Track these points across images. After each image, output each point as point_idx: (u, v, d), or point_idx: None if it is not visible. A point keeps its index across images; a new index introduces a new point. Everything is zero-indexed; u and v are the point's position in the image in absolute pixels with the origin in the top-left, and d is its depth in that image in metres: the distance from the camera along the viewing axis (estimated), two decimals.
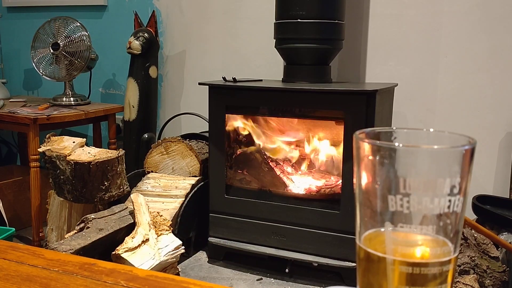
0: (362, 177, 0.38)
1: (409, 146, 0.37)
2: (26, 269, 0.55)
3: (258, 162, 2.08)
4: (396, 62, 2.19)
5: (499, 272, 1.53)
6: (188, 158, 2.16)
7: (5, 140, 3.25)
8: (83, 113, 2.37)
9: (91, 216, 1.76)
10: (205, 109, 2.02)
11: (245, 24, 2.47)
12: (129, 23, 2.64)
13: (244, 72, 2.47)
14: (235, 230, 2.01)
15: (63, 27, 2.45)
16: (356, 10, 2.22)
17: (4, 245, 0.60)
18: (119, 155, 1.96)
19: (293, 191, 2.00)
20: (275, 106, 1.97)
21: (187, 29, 2.62)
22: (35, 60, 2.50)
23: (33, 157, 2.14)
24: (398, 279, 0.36)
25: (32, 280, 0.52)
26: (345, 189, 1.81)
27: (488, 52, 2.03)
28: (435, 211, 0.36)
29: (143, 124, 2.52)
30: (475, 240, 1.59)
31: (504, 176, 2.06)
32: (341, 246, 1.83)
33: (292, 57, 2.05)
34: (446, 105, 2.13)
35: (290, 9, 1.96)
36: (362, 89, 1.82)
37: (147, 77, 2.48)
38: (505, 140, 2.05)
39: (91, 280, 0.53)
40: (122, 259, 1.58)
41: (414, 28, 2.14)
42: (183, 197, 2.03)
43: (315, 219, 1.87)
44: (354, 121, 1.76)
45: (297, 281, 1.91)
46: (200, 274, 1.96)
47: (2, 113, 2.26)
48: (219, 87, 1.98)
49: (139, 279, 0.53)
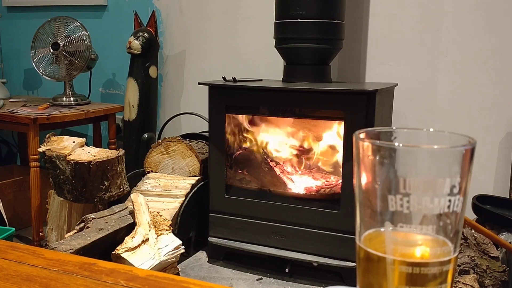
0: (362, 177, 0.38)
1: (409, 146, 0.37)
2: (26, 269, 0.55)
3: (258, 162, 2.08)
4: (396, 62, 2.19)
5: (499, 272, 1.53)
6: (188, 158, 2.16)
7: (5, 140, 3.25)
8: (83, 113, 2.37)
9: (91, 216, 1.76)
10: (205, 109, 2.02)
11: (245, 24, 2.47)
12: (129, 23, 2.64)
13: (244, 72, 2.47)
14: (235, 230, 2.01)
15: (63, 27, 2.45)
16: (356, 10, 2.22)
17: (4, 245, 0.60)
18: (119, 155, 1.97)
19: (293, 191, 2.00)
20: (275, 106, 1.97)
21: (187, 29, 2.62)
22: (35, 60, 2.50)
23: (33, 157, 2.14)
24: (398, 279, 0.36)
25: (32, 280, 0.52)
26: (345, 189, 1.81)
27: (488, 52, 2.03)
28: (435, 211, 0.36)
29: (143, 124, 2.52)
30: (475, 240, 1.59)
31: (504, 176, 2.06)
32: (341, 246, 1.83)
33: (292, 57, 2.05)
34: (446, 105, 2.13)
35: (290, 9, 1.96)
36: (362, 89, 1.82)
37: (147, 77, 2.48)
38: (505, 140, 2.05)
39: (91, 280, 0.53)
40: (122, 259, 1.58)
41: (414, 28, 2.14)
42: (183, 197, 2.03)
43: (315, 219, 1.87)
44: (354, 121, 1.76)
45: (297, 281, 1.91)
46: (200, 274, 1.96)
47: (2, 113, 2.26)
48: (219, 87, 1.98)
49: (139, 279, 0.53)
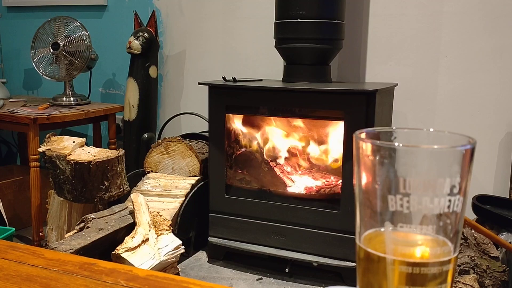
0: (362, 177, 0.38)
1: (409, 146, 0.37)
2: (26, 269, 0.55)
3: (258, 162, 2.08)
4: (396, 62, 2.19)
5: (499, 272, 1.53)
6: (188, 158, 2.16)
7: (5, 140, 3.25)
8: (83, 113, 2.37)
9: (91, 216, 1.76)
10: (205, 109, 2.02)
11: (245, 24, 2.47)
12: (129, 23, 2.64)
13: (244, 72, 2.47)
14: (235, 230, 2.01)
15: (63, 27, 2.45)
16: (356, 10, 2.22)
17: (4, 245, 0.60)
18: (119, 155, 1.97)
19: (293, 191, 2.00)
20: (275, 106, 1.97)
21: (187, 29, 2.62)
22: (35, 60, 2.50)
23: (33, 157, 2.14)
24: (398, 279, 0.36)
25: (32, 280, 0.52)
26: (345, 189, 1.81)
27: (488, 52, 2.03)
28: (435, 211, 0.36)
29: (143, 124, 2.52)
30: (475, 240, 1.59)
31: (504, 176, 2.06)
32: (341, 246, 1.83)
33: (292, 57, 2.05)
34: (446, 105, 2.13)
35: (290, 9, 1.96)
36: (362, 89, 1.82)
37: (147, 77, 2.48)
38: (505, 140, 2.05)
39: (91, 280, 0.53)
40: (122, 259, 1.58)
41: (414, 28, 2.14)
42: (183, 197, 2.03)
43: (315, 219, 1.87)
44: (354, 121, 1.76)
45: (297, 281, 1.91)
46: (200, 274, 1.96)
47: (2, 113, 2.26)
48: (219, 87, 1.98)
49: (139, 279, 0.53)
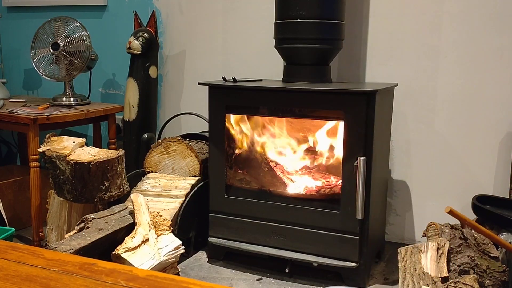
0: None
1: None
2: (26, 269, 0.55)
3: (258, 162, 2.08)
4: (396, 62, 2.19)
5: (499, 272, 1.53)
6: (188, 158, 2.16)
7: (5, 140, 3.25)
8: (83, 113, 2.37)
9: (91, 216, 1.76)
10: (205, 109, 2.02)
11: (245, 24, 2.47)
12: (129, 23, 2.64)
13: (244, 72, 2.47)
14: (235, 230, 2.01)
15: (63, 27, 2.45)
16: (356, 10, 2.22)
17: (4, 245, 0.61)
18: (119, 155, 1.97)
19: (293, 191, 2.00)
20: (275, 106, 1.97)
21: (187, 29, 2.62)
22: (35, 60, 2.50)
23: (33, 157, 2.13)
24: None
25: (32, 280, 0.52)
26: (345, 189, 1.81)
27: (488, 52, 2.03)
28: None
29: (143, 124, 2.52)
30: (475, 240, 1.59)
31: (504, 176, 2.06)
32: (341, 246, 1.83)
33: (292, 57, 2.05)
34: (446, 105, 2.13)
35: (290, 9, 1.96)
36: (362, 89, 1.82)
37: (147, 77, 2.48)
38: (505, 140, 2.05)
39: (91, 280, 0.53)
40: (122, 259, 1.58)
41: (414, 28, 2.14)
42: (183, 197, 2.03)
43: (315, 219, 1.87)
44: (354, 121, 1.76)
45: (297, 281, 1.91)
46: (200, 274, 1.96)
47: (2, 113, 2.26)
48: (219, 87, 1.98)
49: (139, 279, 0.53)
